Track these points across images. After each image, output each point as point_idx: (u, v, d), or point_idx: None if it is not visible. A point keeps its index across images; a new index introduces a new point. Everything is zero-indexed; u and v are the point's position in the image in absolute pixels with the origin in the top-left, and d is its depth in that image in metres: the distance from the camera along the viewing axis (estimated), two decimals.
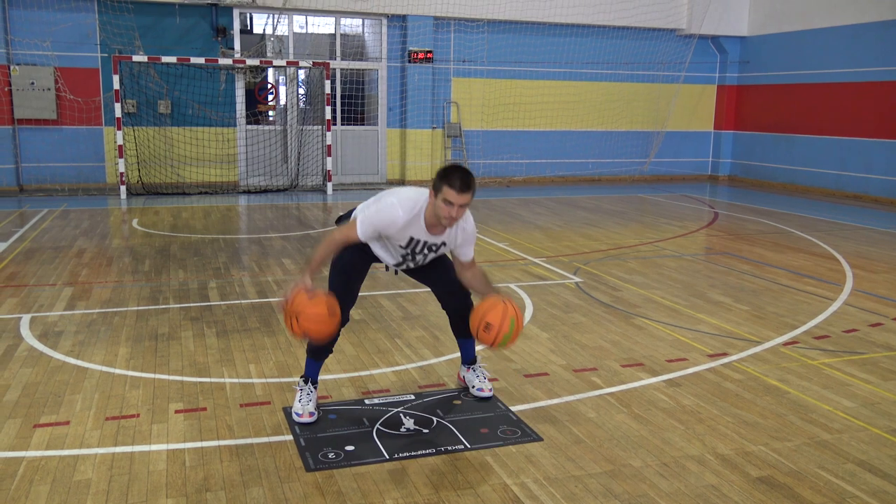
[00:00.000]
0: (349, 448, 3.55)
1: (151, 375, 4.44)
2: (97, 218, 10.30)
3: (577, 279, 7.05)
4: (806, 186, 14.83)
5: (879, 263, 7.99)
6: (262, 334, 5.26)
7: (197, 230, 9.42)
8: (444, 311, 4.23)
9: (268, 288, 6.56)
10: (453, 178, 3.51)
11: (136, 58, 12.25)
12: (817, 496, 3.18)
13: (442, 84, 14.94)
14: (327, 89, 13.20)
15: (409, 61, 14.48)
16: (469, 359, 4.29)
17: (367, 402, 4.12)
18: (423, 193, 3.70)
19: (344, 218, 4.08)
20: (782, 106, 15.61)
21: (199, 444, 3.56)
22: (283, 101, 14.28)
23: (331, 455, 3.48)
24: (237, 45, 13.45)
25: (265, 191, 13.47)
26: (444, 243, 3.80)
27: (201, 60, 12.64)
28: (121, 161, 12.24)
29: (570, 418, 3.93)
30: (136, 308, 5.89)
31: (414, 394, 4.24)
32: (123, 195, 12.24)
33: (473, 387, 4.22)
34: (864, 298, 6.49)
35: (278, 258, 7.80)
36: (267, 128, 14.11)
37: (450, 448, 3.57)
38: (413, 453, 3.52)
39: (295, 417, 3.84)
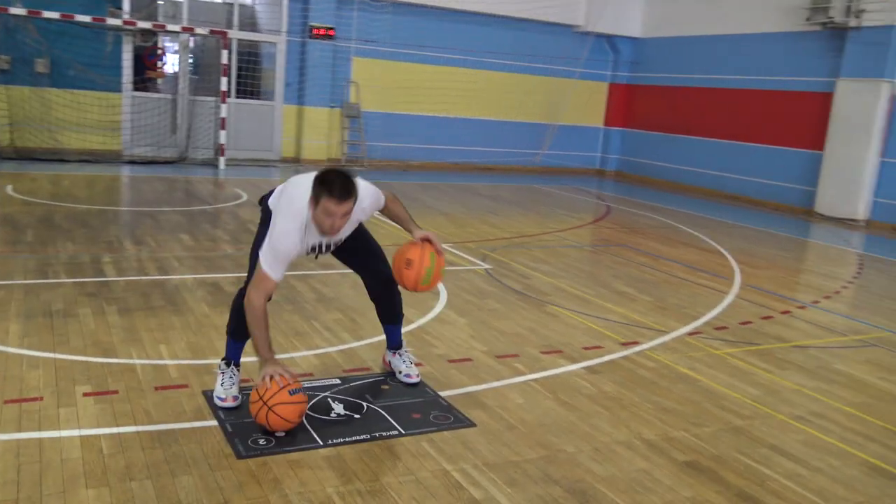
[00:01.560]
0: (280, 434, 3.41)
1: (51, 355, 4.11)
2: None
3: (486, 266, 7.10)
4: (688, 185, 15.57)
5: (761, 260, 8.50)
6: (168, 313, 4.98)
7: (81, 200, 8.81)
8: (369, 296, 4.13)
9: (168, 265, 6.22)
10: (332, 185, 3.24)
11: (13, 10, 11.27)
12: (740, 479, 3.33)
13: (342, 63, 14.65)
14: (224, 59, 12.65)
15: (310, 37, 14.10)
16: (395, 344, 4.22)
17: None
18: (303, 200, 3.38)
19: (267, 197, 3.88)
20: (669, 107, 16.31)
21: (115, 430, 3.32)
22: (175, 69, 13.55)
23: (261, 441, 3.33)
24: (127, 6, 12.63)
25: (152, 162, 12.77)
26: (346, 235, 3.70)
27: (87, 19, 11.80)
28: None
29: (499, 404, 3.94)
30: (22, 281, 5.43)
31: (339, 378, 4.13)
32: None
33: (400, 372, 4.15)
34: (752, 293, 6.89)
35: (174, 233, 7.40)
36: (155, 95, 13.36)
37: (384, 434, 3.50)
38: (347, 439, 3.42)
39: (217, 402, 3.65)
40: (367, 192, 3.67)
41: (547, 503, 3.00)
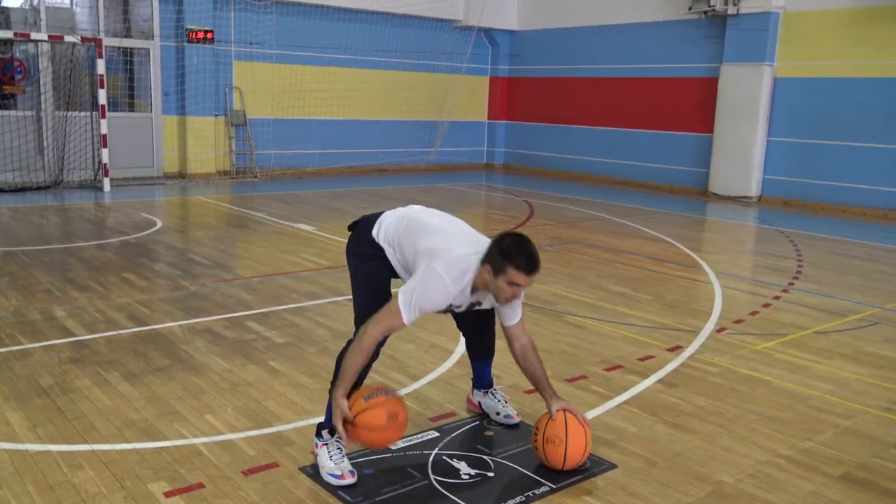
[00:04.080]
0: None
1: (86, 447, 3.35)
2: None
3: None
4: (578, 174, 15.88)
5: (707, 245, 8.72)
6: (183, 373, 4.26)
7: None
8: (461, 329, 3.72)
9: (138, 312, 5.39)
10: (521, 259, 2.95)
11: None
12: None
13: (224, 68, 13.66)
14: (100, 69, 11.38)
15: (187, 41, 13.01)
16: (486, 382, 3.81)
17: (390, 447, 3.47)
18: (471, 257, 3.05)
19: (361, 223, 3.40)
20: (552, 98, 16.55)
21: None
22: (37, 83, 12.02)
23: None
24: None
25: (22, 189, 11.29)
26: (480, 301, 3.28)
27: None
28: None
29: (617, 436, 3.65)
30: None
31: (434, 429, 3.67)
32: None
33: (498, 413, 3.75)
34: (732, 280, 7.00)
35: (116, 273, 6.47)
36: (14, 113, 11.82)
37: (537, 492, 3.11)
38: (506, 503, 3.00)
39: (332, 480, 3.09)
40: None
41: None
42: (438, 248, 3.06)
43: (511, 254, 2.95)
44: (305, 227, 8.92)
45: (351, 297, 3.46)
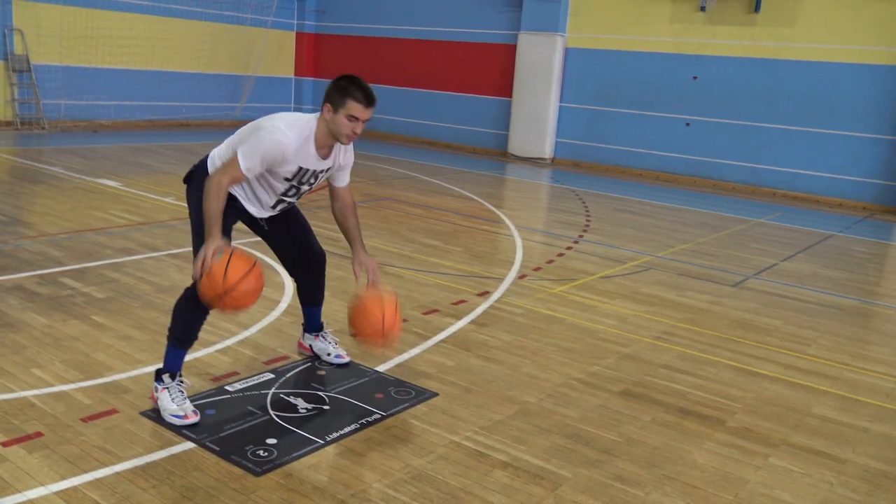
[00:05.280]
0: (271, 441, 3.18)
1: None
2: None
3: None
4: (383, 133, 16.24)
5: (509, 202, 9.43)
6: (0, 329, 4.13)
7: None
8: (293, 275, 3.93)
9: None
10: (358, 91, 3.22)
11: None
12: (669, 397, 3.94)
13: (2, 6, 12.44)
14: None
15: None
16: (316, 326, 4.08)
17: (228, 388, 3.65)
18: (308, 116, 3.36)
19: (196, 174, 3.49)
20: (358, 56, 16.70)
21: (88, 477, 2.80)
22: None
23: (262, 453, 3.08)
24: None
25: None
26: (328, 168, 3.51)
27: None
28: None
29: (437, 370, 4.07)
30: None
31: (269, 371, 3.88)
32: None
33: (329, 354, 4.04)
34: (530, 233, 7.70)
35: None
36: None
37: (370, 420, 3.45)
38: (341, 432, 3.31)
39: (175, 421, 3.24)
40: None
41: (562, 452, 3.28)
42: (269, 117, 3.32)
43: (348, 89, 3.22)
44: (109, 183, 8.55)
45: (170, 252, 3.54)
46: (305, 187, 3.49)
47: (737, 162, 12.36)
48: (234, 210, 3.45)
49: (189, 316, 3.30)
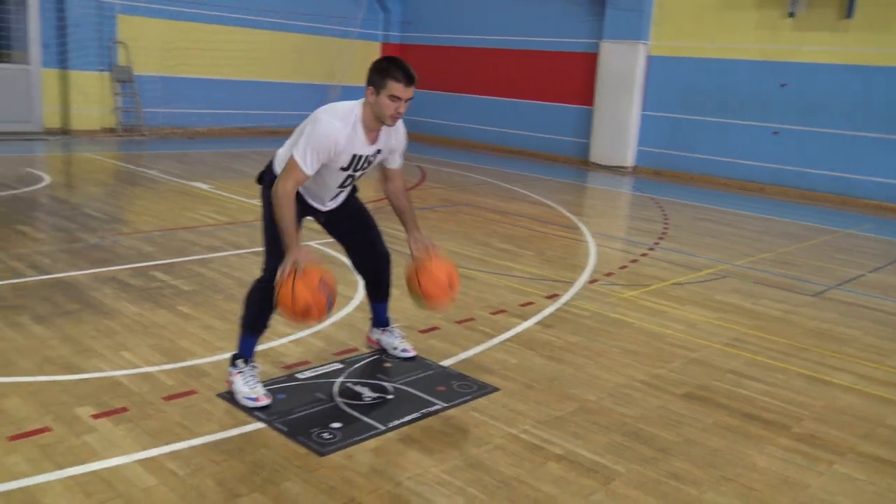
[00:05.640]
0: (336, 425, 3.34)
1: (9, 379, 3.54)
2: None
3: None
4: (472, 142, 16.42)
5: (585, 209, 9.42)
6: (94, 316, 4.44)
7: None
8: (360, 272, 4.08)
9: (39, 262, 5.46)
10: (397, 71, 3.32)
11: None
12: (733, 402, 3.90)
13: (107, 21, 13.25)
14: None
15: None
16: (384, 321, 4.22)
17: (298, 375, 3.84)
18: (351, 103, 3.48)
19: (266, 173, 3.68)
20: (443, 66, 16.94)
21: (167, 449, 3.02)
22: None
23: (326, 435, 3.24)
24: None
25: None
26: (379, 151, 3.62)
27: None
28: None
29: (501, 367, 4.15)
30: None
31: (338, 362, 4.06)
32: None
33: (395, 348, 4.18)
34: (605, 240, 7.69)
35: (9, 225, 6.44)
36: None
37: (431, 410, 3.56)
38: (403, 420, 3.44)
39: (248, 403, 3.44)
40: (402, 124, 3.67)
41: (618, 448, 3.31)
42: (315, 112, 3.44)
43: (388, 69, 3.33)
44: (202, 186, 9.00)
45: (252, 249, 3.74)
46: (359, 174, 3.62)
47: (826, 171, 11.94)
48: (300, 206, 3.61)
49: (258, 306, 3.49)
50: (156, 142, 13.13)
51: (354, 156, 3.47)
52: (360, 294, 5.17)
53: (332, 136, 3.34)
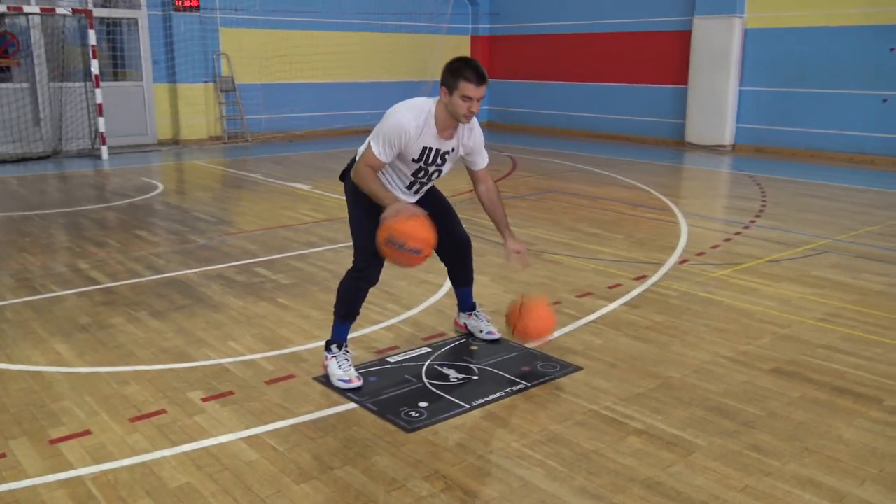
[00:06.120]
0: (423, 404, 3.52)
1: (128, 368, 3.91)
2: None
3: None
4: (564, 129, 16.36)
5: (680, 190, 9.28)
6: (204, 310, 4.81)
7: None
8: (443, 259, 4.23)
9: (154, 263, 5.92)
10: (468, 71, 3.44)
11: None
12: (824, 376, 3.84)
13: (211, 35, 13.98)
14: (92, 40, 11.72)
15: (174, 9, 13.33)
16: (469, 305, 4.38)
17: (389, 359, 4.05)
18: (427, 100, 3.64)
19: (348, 170, 3.89)
20: (533, 55, 16.94)
21: (268, 428, 3.29)
22: (35, 55, 12.35)
23: (413, 414, 3.43)
24: None
25: (22, 159, 11.70)
26: (453, 149, 3.75)
27: None
28: None
29: (585, 347, 4.23)
30: (17, 300, 5.01)
31: (427, 346, 4.24)
32: None
33: (482, 331, 4.33)
34: (698, 220, 7.57)
35: (128, 231, 6.99)
36: (10, 86, 12.17)
37: (514, 389, 3.69)
38: (487, 399, 3.59)
39: (342, 385, 3.67)
40: (478, 123, 3.83)
41: (700, 422, 3.35)
42: (394, 107, 3.61)
43: (460, 70, 3.46)
44: (300, 186, 9.43)
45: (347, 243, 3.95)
46: (433, 168, 3.75)
47: None
48: (375, 205, 3.80)
49: (350, 295, 3.72)
50: (258, 146, 13.77)
51: (425, 148, 3.62)
52: (449, 282, 5.34)
53: (401, 125, 3.51)
